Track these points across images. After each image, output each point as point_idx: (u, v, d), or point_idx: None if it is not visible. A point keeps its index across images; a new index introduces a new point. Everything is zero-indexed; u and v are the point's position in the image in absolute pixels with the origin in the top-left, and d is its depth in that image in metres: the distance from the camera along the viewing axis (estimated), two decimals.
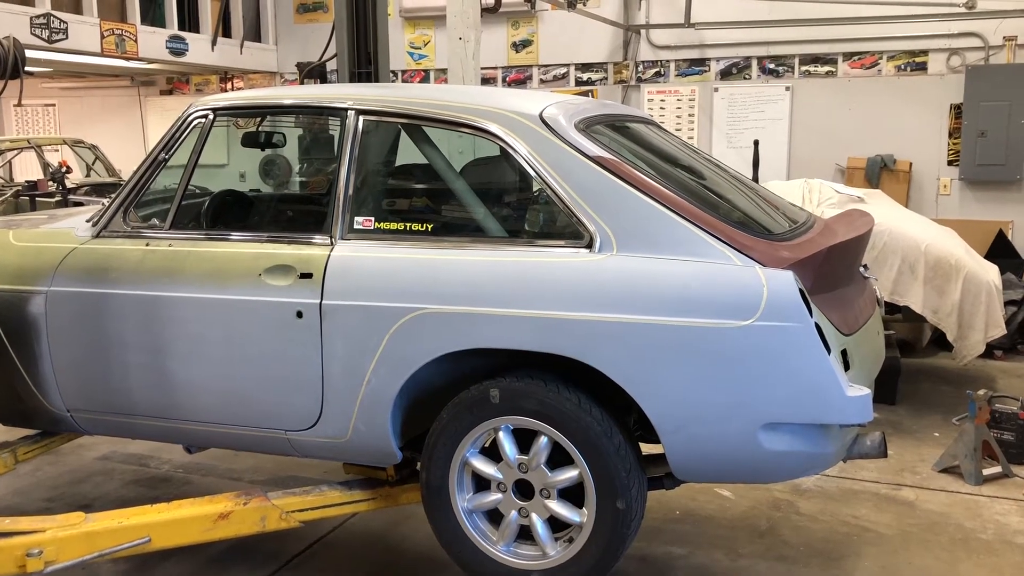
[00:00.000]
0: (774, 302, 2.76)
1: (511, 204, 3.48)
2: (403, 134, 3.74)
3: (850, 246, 3.24)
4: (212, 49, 10.66)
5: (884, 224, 5.26)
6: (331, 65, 6.05)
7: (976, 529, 3.94)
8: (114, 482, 4.58)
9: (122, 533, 3.19)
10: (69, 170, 9.43)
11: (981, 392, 4.50)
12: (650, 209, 2.96)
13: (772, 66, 9.53)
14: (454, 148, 3.83)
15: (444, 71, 9.78)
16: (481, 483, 3.19)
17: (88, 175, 10.40)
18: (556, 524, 3.12)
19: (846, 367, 2.90)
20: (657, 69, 10.01)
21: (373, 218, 3.27)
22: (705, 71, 9.82)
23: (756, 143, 8.26)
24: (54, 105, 12.82)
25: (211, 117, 3.53)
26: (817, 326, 2.78)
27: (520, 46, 10.47)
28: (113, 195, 3.68)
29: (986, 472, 4.44)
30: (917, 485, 4.42)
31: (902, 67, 9.07)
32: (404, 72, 10.90)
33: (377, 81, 5.52)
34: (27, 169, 10.83)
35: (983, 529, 3.94)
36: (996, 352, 6.64)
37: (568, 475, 3.03)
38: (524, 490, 3.12)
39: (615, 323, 2.85)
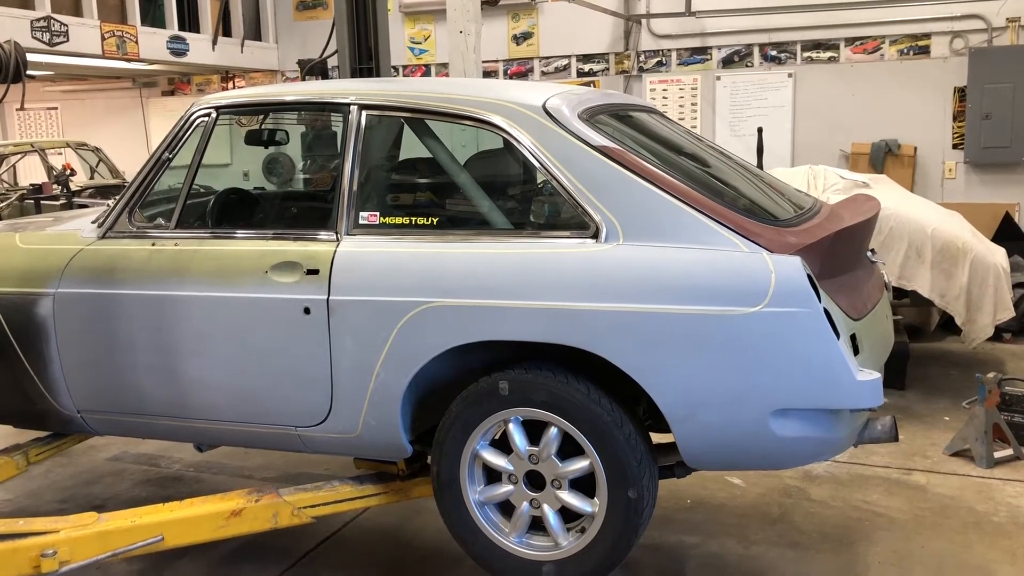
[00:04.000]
0: (782, 288, 2.75)
1: (516, 196, 3.47)
2: (406, 128, 3.74)
3: (857, 231, 3.22)
4: (213, 49, 10.66)
5: (890, 208, 5.25)
6: (332, 62, 6.04)
7: (988, 512, 3.93)
8: (125, 482, 4.59)
9: (135, 532, 3.20)
10: (73, 173, 9.45)
11: (991, 375, 4.49)
12: (656, 198, 2.95)
13: (774, 53, 9.49)
14: (457, 141, 3.82)
15: (445, 65, 9.79)
16: (492, 475, 3.19)
17: (92, 177, 10.42)
18: (568, 515, 3.12)
19: (856, 352, 2.89)
20: (659, 59, 9.98)
21: (378, 213, 3.27)
22: (707, 59, 9.78)
23: (760, 130, 8.22)
24: (56, 108, 12.84)
25: (214, 116, 3.53)
26: (826, 311, 2.77)
27: (521, 39, 10.44)
28: (118, 196, 3.68)
29: (997, 455, 4.44)
30: (928, 469, 4.42)
31: (905, 51, 9.03)
32: (405, 67, 10.88)
33: (378, 76, 5.51)
34: (31, 172, 10.87)
35: (995, 512, 3.94)
36: (1005, 335, 6.62)
37: (579, 465, 3.03)
38: (535, 481, 3.12)
39: (623, 312, 2.84)
